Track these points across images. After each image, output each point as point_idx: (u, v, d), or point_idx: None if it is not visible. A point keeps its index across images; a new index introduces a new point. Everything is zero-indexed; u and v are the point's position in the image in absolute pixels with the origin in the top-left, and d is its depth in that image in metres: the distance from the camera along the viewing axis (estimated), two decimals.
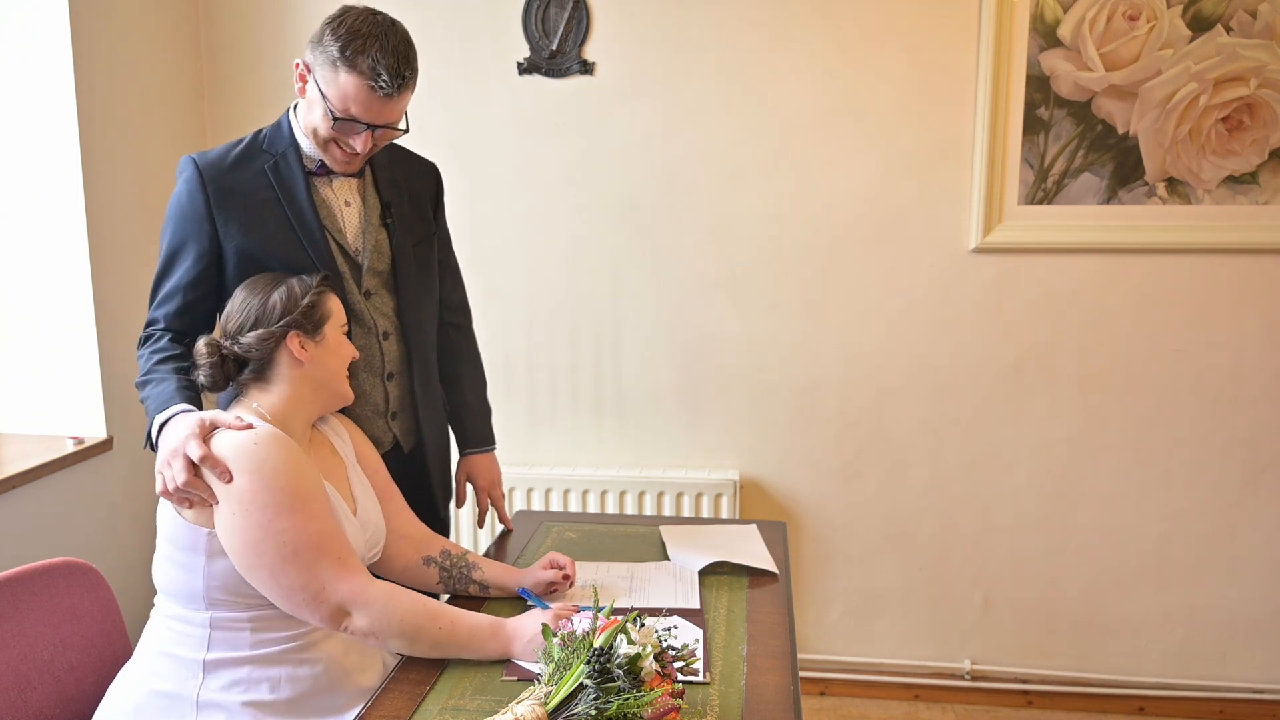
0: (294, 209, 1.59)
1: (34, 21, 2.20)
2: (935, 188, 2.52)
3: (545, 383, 2.71)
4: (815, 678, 2.77)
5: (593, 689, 1.10)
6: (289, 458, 1.31)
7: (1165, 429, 2.56)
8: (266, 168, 1.60)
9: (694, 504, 2.59)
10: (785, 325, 2.62)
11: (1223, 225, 2.45)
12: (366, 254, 1.67)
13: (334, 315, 1.47)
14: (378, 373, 1.71)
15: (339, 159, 1.59)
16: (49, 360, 2.32)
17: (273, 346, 1.41)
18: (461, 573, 1.59)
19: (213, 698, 1.32)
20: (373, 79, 1.47)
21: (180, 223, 1.59)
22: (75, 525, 2.28)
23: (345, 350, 1.49)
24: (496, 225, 2.64)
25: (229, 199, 1.57)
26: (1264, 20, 2.36)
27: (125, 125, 2.39)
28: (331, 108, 1.50)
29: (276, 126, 1.64)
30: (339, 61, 1.46)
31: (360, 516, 1.49)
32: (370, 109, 1.50)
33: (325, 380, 1.45)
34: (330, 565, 1.29)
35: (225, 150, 1.61)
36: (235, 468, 1.28)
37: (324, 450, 1.52)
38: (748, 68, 2.52)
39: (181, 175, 1.59)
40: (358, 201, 1.68)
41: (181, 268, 1.59)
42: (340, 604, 1.29)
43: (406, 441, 1.79)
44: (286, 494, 1.28)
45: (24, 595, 1.40)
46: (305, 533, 1.28)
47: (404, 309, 1.73)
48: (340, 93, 1.48)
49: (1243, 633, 2.62)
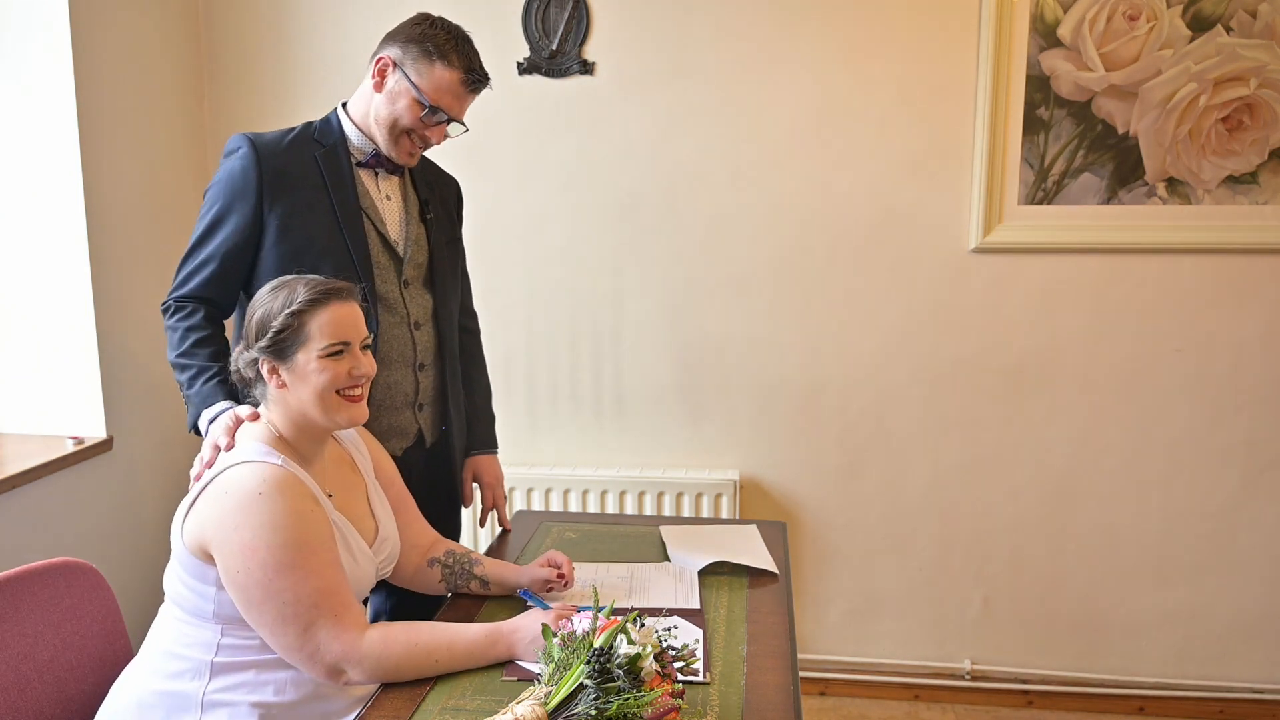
0: (339, 197, 1.66)
1: (34, 21, 2.20)
2: (935, 188, 2.52)
3: (545, 382, 2.71)
4: (815, 678, 2.77)
5: (593, 689, 1.10)
6: (293, 508, 1.28)
7: (1165, 429, 2.56)
8: (317, 155, 1.67)
9: (694, 504, 2.59)
10: (785, 325, 2.62)
11: (1223, 225, 2.45)
12: (409, 245, 1.74)
13: (317, 335, 1.35)
14: (410, 363, 1.74)
15: (406, 151, 1.68)
16: (49, 360, 2.32)
17: (254, 370, 1.39)
18: (463, 569, 1.60)
19: (218, 697, 1.32)
20: (466, 73, 1.63)
21: (229, 194, 1.63)
22: (75, 525, 2.28)
23: (323, 375, 1.35)
24: (497, 225, 2.64)
25: (280, 180, 1.63)
26: (1264, 20, 2.36)
27: (125, 125, 2.39)
28: (423, 97, 1.62)
29: (326, 121, 1.72)
30: (436, 55, 1.61)
31: (382, 535, 1.50)
32: (457, 101, 1.65)
33: (301, 408, 1.37)
34: (326, 625, 1.27)
35: (279, 135, 1.68)
36: (236, 521, 1.27)
37: (344, 468, 1.51)
38: (748, 68, 2.52)
39: (236, 151, 1.64)
40: (398, 197, 1.76)
41: (222, 235, 1.62)
42: (334, 664, 1.28)
43: (430, 434, 1.81)
44: (286, 550, 1.26)
45: (24, 595, 1.40)
46: (303, 590, 1.26)
47: (438, 302, 1.79)
48: (435, 83, 1.62)
49: (1243, 633, 2.62)
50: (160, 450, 2.53)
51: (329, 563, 1.31)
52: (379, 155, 1.70)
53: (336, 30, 2.62)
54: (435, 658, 1.31)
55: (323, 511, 1.35)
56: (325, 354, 1.35)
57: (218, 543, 1.28)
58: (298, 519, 1.28)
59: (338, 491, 1.46)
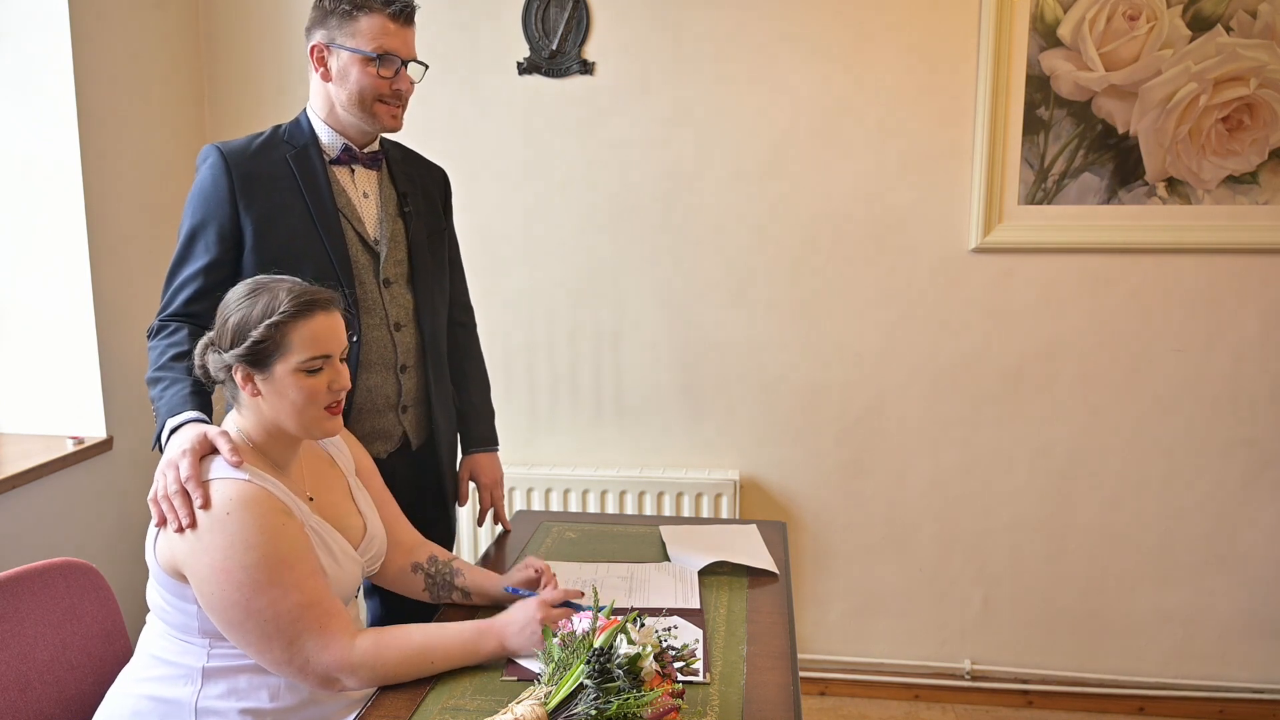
0: (313, 196, 1.63)
1: (34, 21, 2.20)
2: (935, 188, 2.52)
3: (545, 383, 2.71)
4: (815, 678, 2.77)
5: (593, 689, 1.10)
6: (263, 524, 1.25)
7: (1165, 429, 2.56)
8: (288, 156, 1.64)
9: (694, 504, 2.59)
10: (785, 325, 2.62)
11: (1223, 225, 2.45)
12: (385, 243, 1.70)
13: (298, 348, 1.30)
14: (390, 365, 1.71)
15: (388, 116, 1.65)
16: (49, 360, 2.32)
17: (226, 375, 1.34)
18: (445, 579, 1.57)
19: (211, 705, 1.30)
20: (387, 5, 1.59)
21: (203, 205, 1.61)
22: (75, 525, 2.28)
23: (301, 390, 1.31)
24: (496, 225, 2.64)
25: (251, 184, 1.60)
26: (1264, 20, 2.36)
27: (125, 125, 2.39)
28: (366, 51, 1.59)
29: (295, 123, 1.69)
30: (354, 10, 1.58)
31: (370, 532, 1.49)
32: (398, 38, 1.62)
33: (275, 418, 1.33)
34: (313, 636, 1.25)
35: (247, 140, 1.66)
36: (206, 544, 1.24)
37: (321, 465, 1.49)
38: (748, 68, 2.52)
39: (205, 162, 1.62)
40: (375, 193, 1.72)
41: (202, 249, 1.60)
42: (327, 674, 1.27)
43: (416, 437, 1.79)
44: (261, 568, 1.23)
45: (24, 595, 1.40)
46: (283, 606, 1.24)
47: (420, 300, 1.75)
48: (369, 32, 1.59)
49: (1243, 633, 2.62)
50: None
51: (307, 574, 1.27)
52: (351, 150, 1.67)
53: None
54: (431, 658, 1.30)
55: (295, 522, 1.31)
56: (305, 368, 1.31)
57: (190, 567, 1.26)
58: (269, 535, 1.25)
59: (318, 493, 1.44)
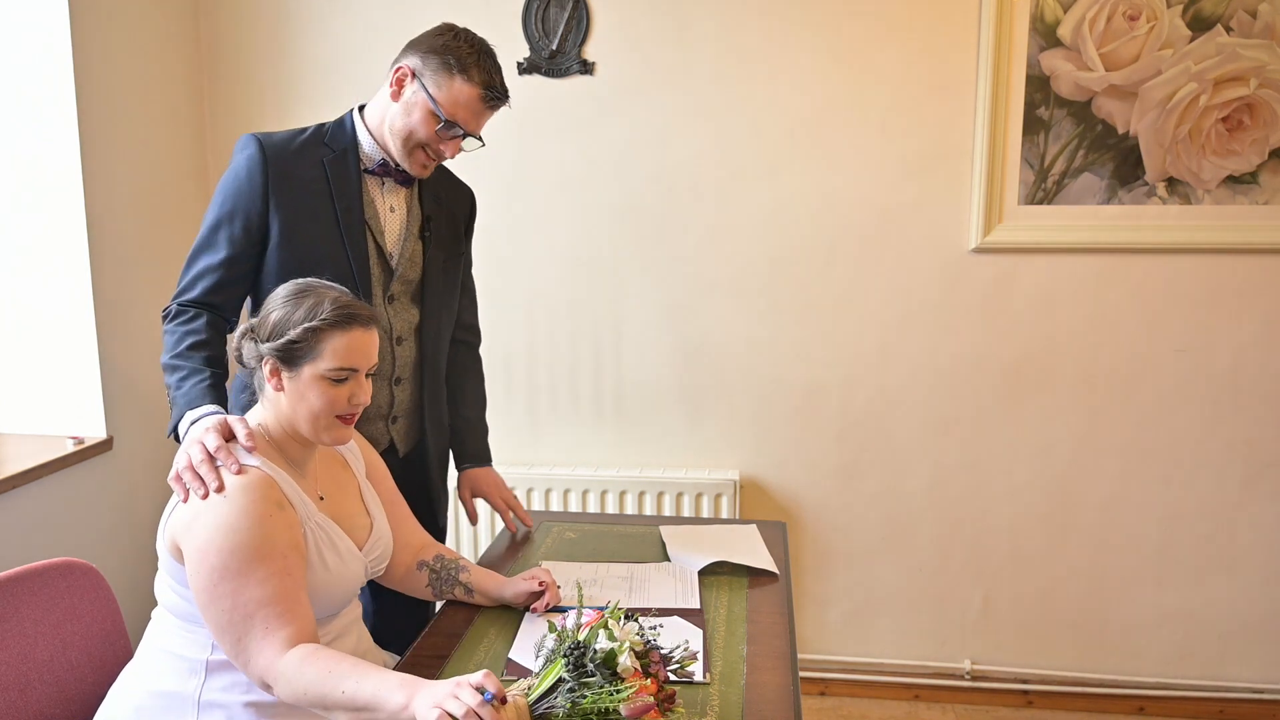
0: (342, 204, 1.64)
1: (34, 21, 2.20)
2: (935, 188, 2.52)
3: (545, 383, 2.71)
4: (815, 678, 2.77)
5: (570, 681, 1.11)
6: (251, 511, 1.26)
7: (1165, 429, 2.56)
8: (325, 160, 1.64)
9: (694, 504, 2.59)
10: (785, 325, 2.62)
11: (1223, 225, 2.45)
12: (401, 261, 1.71)
13: (329, 356, 1.34)
14: (386, 377, 1.72)
15: (419, 163, 1.65)
16: (49, 360, 2.32)
17: (256, 365, 1.38)
18: (450, 575, 1.58)
19: (214, 698, 1.31)
20: (485, 89, 1.59)
21: (235, 195, 1.61)
22: (75, 525, 2.28)
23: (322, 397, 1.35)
24: (496, 225, 2.64)
25: (285, 183, 1.61)
26: (1264, 20, 2.36)
27: (125, 125, 2.39)
28: (439, 110, 1.58)
29: (339, 124, 1.69)
30: (456, 69, 1.57)
31: (376, 533, 1.49)
32: (474, 116, 1.62)
33: (292, 417, 1.37)
34: (256, 637, 1.23)
35: (290, 136, 1.66)
36: (201, 521, 1.26)
37: (335, 466, 1.51)
38: (748, 68, 2.52)
39: (244, 151, 1.62)
40: (402, 210, 1.72)
41: (225, 240, 1.60)
42: (260, 676, 1.25)
43: (403, 446, 1.80)
44: (234, 555, 1.23)
45: (24, 595, 1.40)
46: (240, 599, 1.23)
47: (425, 319, 1.76)
48: (452, 97, 1.58)
49: (1243, 633, 2.62)
50: (160, 450, 2.53)
51: (277, 572, 1.25)
52: (388, 165, 1.68)
53: (336, 30, 2.62)
54: (342, 688, 1.17)
55: (288, 516, 1.30)
56: (330, 376, 1.34)
57: (185, 542, 1.28)
58: (253, 523, 1.25)
59: (329, 492, 1.45)
